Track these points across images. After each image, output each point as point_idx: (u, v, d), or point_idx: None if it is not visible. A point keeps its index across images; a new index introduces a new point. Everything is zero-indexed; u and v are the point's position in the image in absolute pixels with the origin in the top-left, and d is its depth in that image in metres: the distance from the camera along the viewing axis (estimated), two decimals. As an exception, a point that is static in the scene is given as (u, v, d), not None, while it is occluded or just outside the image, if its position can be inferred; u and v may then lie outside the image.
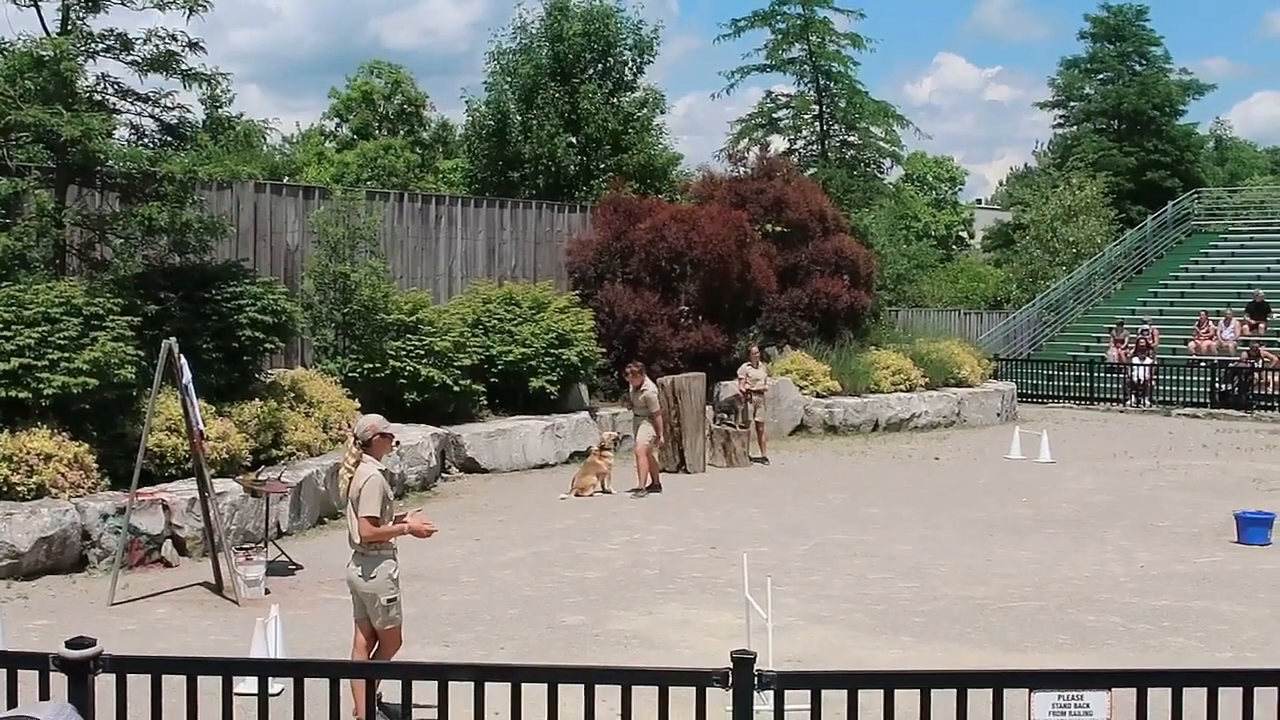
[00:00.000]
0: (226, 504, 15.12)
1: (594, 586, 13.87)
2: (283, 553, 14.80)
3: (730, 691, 5.70)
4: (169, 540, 14.74)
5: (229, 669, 6.18)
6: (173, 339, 13.12)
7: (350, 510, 9.29)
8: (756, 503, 19.56)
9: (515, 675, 6.19)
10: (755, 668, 5.68)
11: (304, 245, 24.21)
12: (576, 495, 19.90)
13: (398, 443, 9.56)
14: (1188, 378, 36.14)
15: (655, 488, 20.49)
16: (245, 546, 14.51)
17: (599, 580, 14.21)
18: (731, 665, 5.67)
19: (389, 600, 9.17)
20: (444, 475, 21.67)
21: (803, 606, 12.82)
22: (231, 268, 19.26)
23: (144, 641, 11.18)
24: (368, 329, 22.47)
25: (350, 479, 9.32)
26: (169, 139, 18.75)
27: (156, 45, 17.80)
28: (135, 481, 13.45)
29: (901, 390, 30.56)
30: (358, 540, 9.20)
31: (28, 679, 5.88)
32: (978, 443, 27.62)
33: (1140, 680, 6.03)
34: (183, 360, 12.94)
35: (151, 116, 18.53)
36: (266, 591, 13.19)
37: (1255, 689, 6.01)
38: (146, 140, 18.64)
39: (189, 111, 18.98)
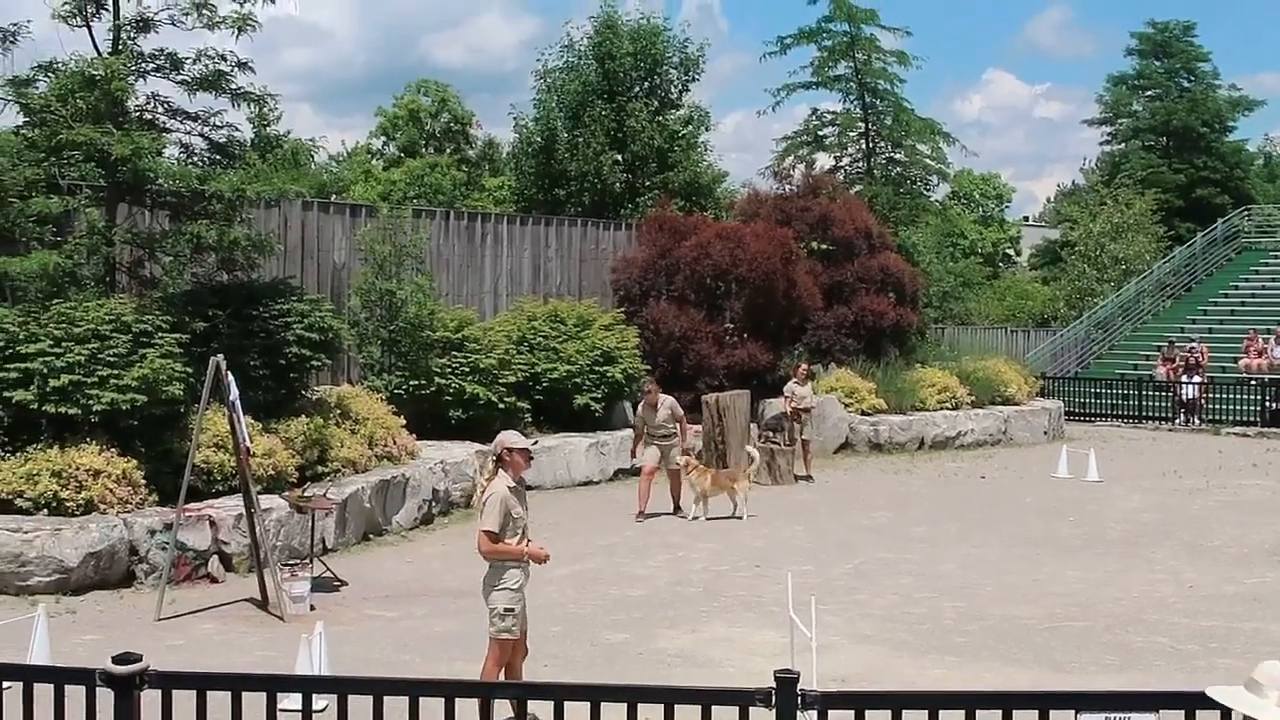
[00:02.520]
0: (272, 520, 15.19)
1: (638, 604, 13.86)
2: (328, 569, 14.85)
3: (774, 711, 5.68)
4: (215, 556, 14.82)
5: (273, 685, 6.21)
6: (220, 356, 13.21)
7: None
8: (801, 521, 19.50)
9: (557, 693, 6.20)
10: (799, 687, 5.66)
11: (351, 263, 24.32)
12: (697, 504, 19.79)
13: (531, 459, 9.65)
14: (1237, 396, 35.82)
15: (676, 509, 20.13)
16: (291, 563, 14.56)
17: (642, 598, 14.19)
18: (775, 685, 5.66)
19: (505, 609, 9.24)
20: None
21: (847, 625, 12.78)
22: (279, 285, 19.38)
23: (190, 657, 11.24)
24: (413, 346, 22.55)
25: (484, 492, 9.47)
26: (218, 157, 18.91)
27: (206, 65, 17.99)
28: (182, 497, 13.54)
29: (947, 408, 30.41)
30: (479, 551, 9.35)
31: (75, 694, 5.92)
32: (1024, 461, 27.46)
33: (1188, 702, 5.97)
34: (230, 377, 13.02)
35: (200, 135, 18.71)
36: (312, 608, 13.23)
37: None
38: (195, 159, 18.81)
39: (237, 130, 19.19)
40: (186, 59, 17.96)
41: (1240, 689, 4.32)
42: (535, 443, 12.55)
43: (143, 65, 17.92)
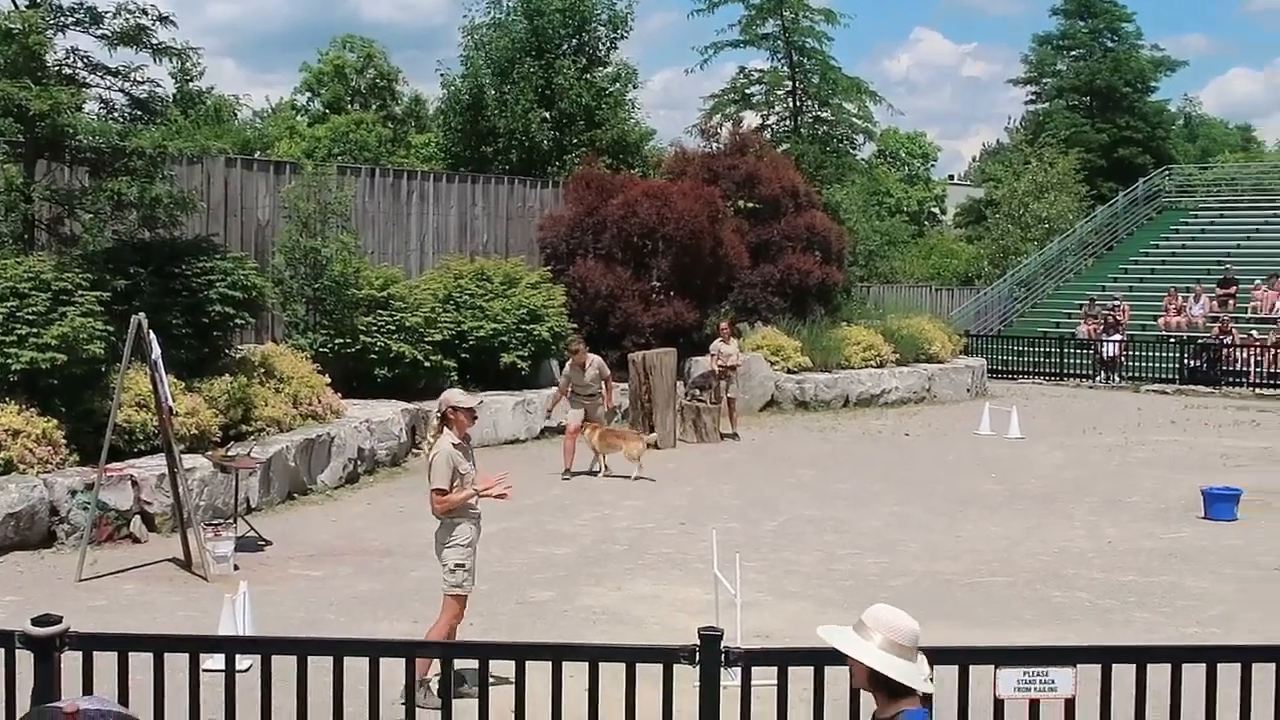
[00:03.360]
0: (196, 480, 15.07)
1: (564, 562, 13.89)
2: (252, 528, 14.76)
3: (697, 668, 5.72)
4: (138, 516, 14.69)
5: (196, 646, 6.18)
6: (142, 314, 13.07)
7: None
8: (727, 479, 19.59)
9: (482, 652, 6.21)
10: (723, 644, 5.70)
11: (275, 220, 24.12)
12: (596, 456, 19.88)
13: (475, 417, 9.61)
14: (1157, 354, 36.30)
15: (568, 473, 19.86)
16: (214, 522, 14.48)
17: (569, 556, 14.22)
18: (699, 642, 5.70)
19: (456, 564, 9.21)
20: (415, 451, 21.60)
21: (771, 582, 12.86)
22: (202, 243, 19.17)
23: (112, 618, 11.14)
24: (338, 304, 22.42)
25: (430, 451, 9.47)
26: (139, 113, 18.61)
27: (126, 19, 17.65)
28: (104, 457, 13.40)
29: (872, 366, 30.62)
30: (432, 511, 9.34)
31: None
32: (948, 418, 27.71)
33: (1105, 656, 6.07)
34: (152, 336, 12.89)
35: (121, 91, 18.39)
36: (235, 568, 13.16)
37: (1219, 665, 6.06)
38: (116, 115, 18.50)
39: (159, 86, 18.88)
40: (106, 13, 17.63)
41: (849, 630, 4.58)
42: (480, 401, 12.52)
43: (61, 19, 17.59)
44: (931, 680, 4.71)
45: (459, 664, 7.79)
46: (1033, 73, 67.48)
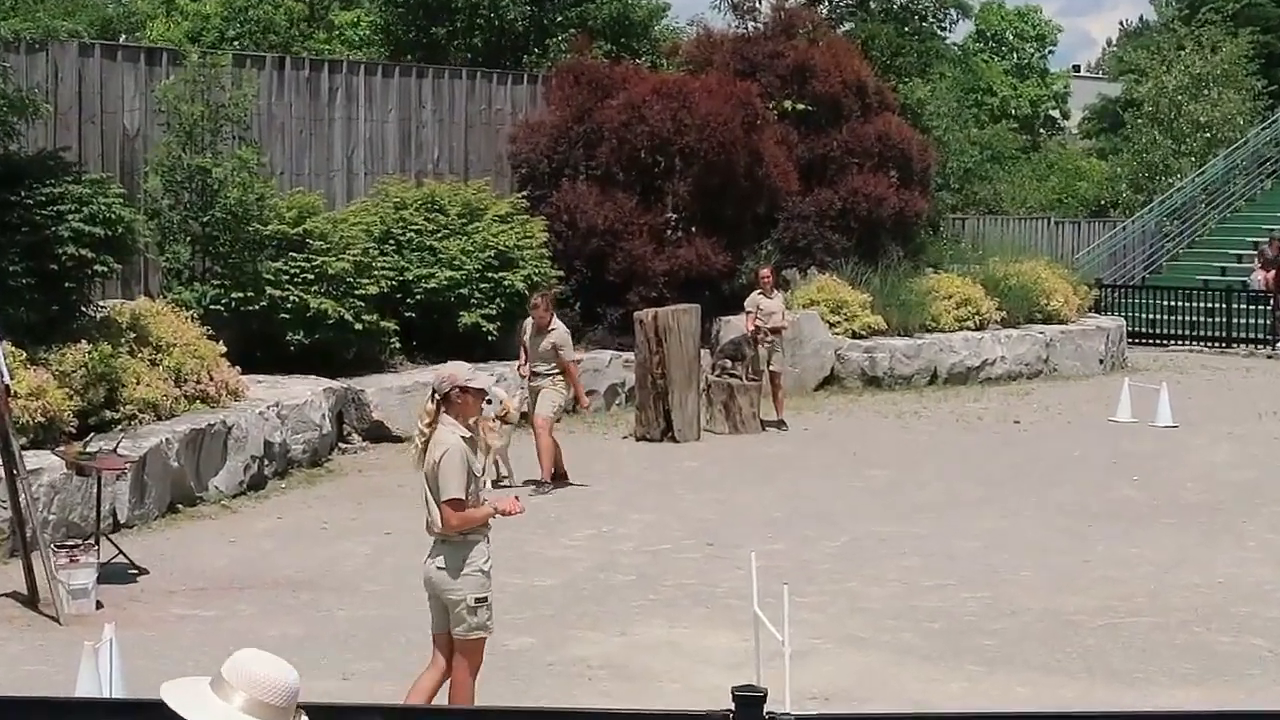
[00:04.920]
0: (43, 485, 15.08)
1: (548, 597, 13.92)
2: (120, 552, 14.78)
3: (732, 742, 5.73)
4: (-36, 535, 14.74)
5: (45, 714, 6.19)
6: (-34, 259, 13.08)
7: (426, 488, 9.49)
8: (769, 482, 19.62)
9: (438, 720, 6.22)
10: (766, 709, 5.71)
11: (148, 129, 24.06)
12: None
13: (488, 400, 9.68)
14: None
15: (560, 478, 19.49)
16: (69, 544, 14.48)
17: (555, 589, 14.25)
18: (734, 706, 5.70)
19: (476, 601, 9.28)
20: (342, 445, 21.66)
21: (832, 624, 12.88)
22: (47, 160, 19.13)
23: (-70, 674, 11.19)
24: (236, 245, 22.37)
25: (423, 447, 9.53)
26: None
27: None
28: (-83, 455, 13.43)
29: (969, 328, 30.57)
30: (438, 528, 9.43)
31: None
32: (1072, 400, 27.70)
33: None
34: (-19, 288, 12.90)
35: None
36: (99, 605, 13.19)
37: None
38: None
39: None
40: None
41: (204, 686, 4.60)
42: (497, 380, 12.52)
43: None
44: None
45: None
46: (1190, -78, 67.26)
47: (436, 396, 9.52)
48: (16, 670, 11.50)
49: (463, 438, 9.38)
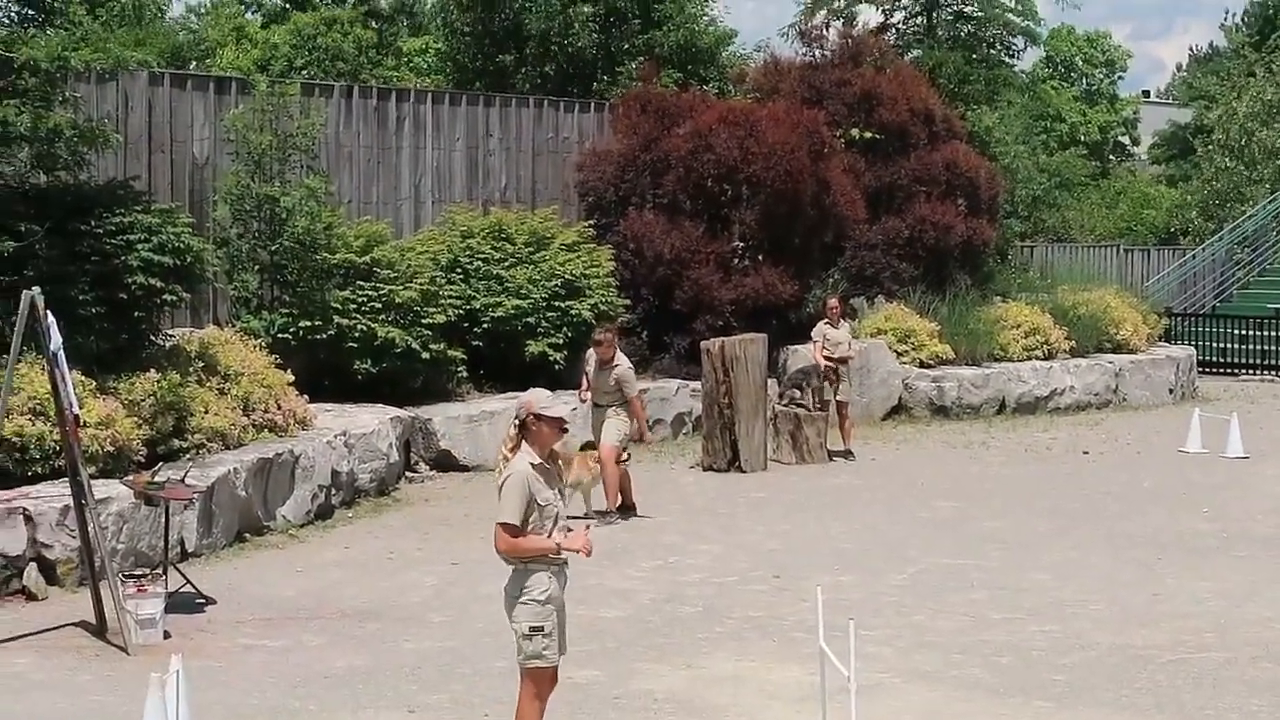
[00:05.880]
0: (112, 514, 15.15)
1: (613, 629, 13.91)
2: (188, 581, 14.83)
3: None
4: (33, 564, 14.78)
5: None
6: (36, 289, 13.14)
7: None
8: (836, 514, 19.57)
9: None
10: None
11: (217, 158, 24.19)
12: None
13: (566, 429, 9.70)
14: None
15: (628, 509, 19.52)
16: (137, 573, 14.53)
17: (620, 620, 14.24)
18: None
19: (531, 629, 9.31)
20: (409, 474, 21.70)
21: (899, 658, 12.83)
22: (117, 190, 19.23)
23: (-1, 704, 11.26)
24: (304, 273, 22.46)
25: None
26: (30, 13, 18.71)
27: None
28: (-13, 484, 13.51)
29: (1038, 357, 30.50)
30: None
31: None
32: (1142, 430, 27.58)
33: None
34: (50, 318, 12.96)
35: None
36: (166, 635, 13.24)
37: None
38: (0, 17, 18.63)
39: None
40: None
41: None
42: (574, 409, 12.52)
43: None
44: None
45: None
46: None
47: (516, 423, 9.54)
48: (84, 700, 11.55)
49: (532, 464, 9.39)
